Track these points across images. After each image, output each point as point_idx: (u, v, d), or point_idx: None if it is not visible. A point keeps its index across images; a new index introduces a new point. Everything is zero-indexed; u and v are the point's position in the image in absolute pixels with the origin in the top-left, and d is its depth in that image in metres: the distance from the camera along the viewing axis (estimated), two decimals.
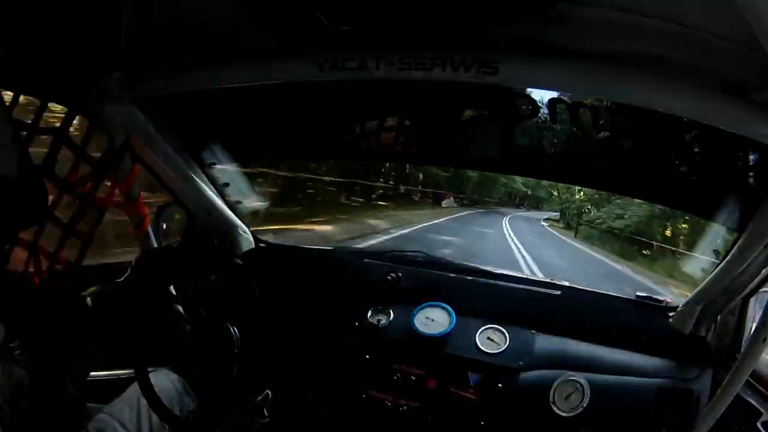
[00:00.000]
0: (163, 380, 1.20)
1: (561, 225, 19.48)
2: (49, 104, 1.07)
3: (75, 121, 1.14)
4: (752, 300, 1.12)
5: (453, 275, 1.50)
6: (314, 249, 1.83)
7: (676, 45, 0.74)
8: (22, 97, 1.00)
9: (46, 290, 1.17)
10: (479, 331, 1.32)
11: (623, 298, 1.43)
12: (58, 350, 0.96)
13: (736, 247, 1.04)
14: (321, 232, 8.51)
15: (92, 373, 1.35)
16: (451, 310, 1.34)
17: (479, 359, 1.27)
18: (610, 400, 1.17)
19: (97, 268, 1.50)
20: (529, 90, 1.08)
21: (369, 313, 1.41)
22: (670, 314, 1.28)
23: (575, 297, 1.45)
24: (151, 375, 1.16)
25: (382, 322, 1.39)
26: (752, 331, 0.95)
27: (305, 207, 9.93)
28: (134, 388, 1.10)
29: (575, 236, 16.03)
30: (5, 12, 0.82)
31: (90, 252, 1.20)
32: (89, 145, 1.15)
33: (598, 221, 15.71)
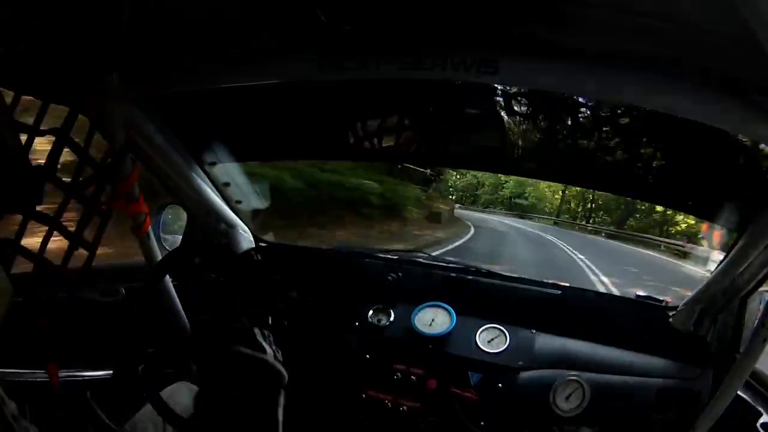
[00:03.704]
0: (184, 394, 1.18)
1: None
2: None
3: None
4: (752, 300, 1.12)
5: (453, 275, 1.50)
6: (314, 249, 1.84)
7: (676, 45, 0.74)
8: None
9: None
10: (479, 331, 1.32)
11: (623, 298, 1.44)
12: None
13: (735, 247, 1.04)
14: None
15: (90, 373, 1.37)
16: (451, 310, 1.34)
17: (479, 359, 1.27)
18: (610, 400, 1.18)
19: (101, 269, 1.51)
20: (528, 90, 1.08)
21: (369, 313, 1.41)
22: (670, 314, 1.28)
23: (575, 297, 1.46)
24: (171, 388, 1.15)
25: (382, 322, 1.39)
26: (752, 331, 0.95)
27: None
28: None
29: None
30: (5, 12, 0.82)
31: None
32: (88, 146, 1.15)
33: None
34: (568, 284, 1.47)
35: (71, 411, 0.95)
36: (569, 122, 1.17)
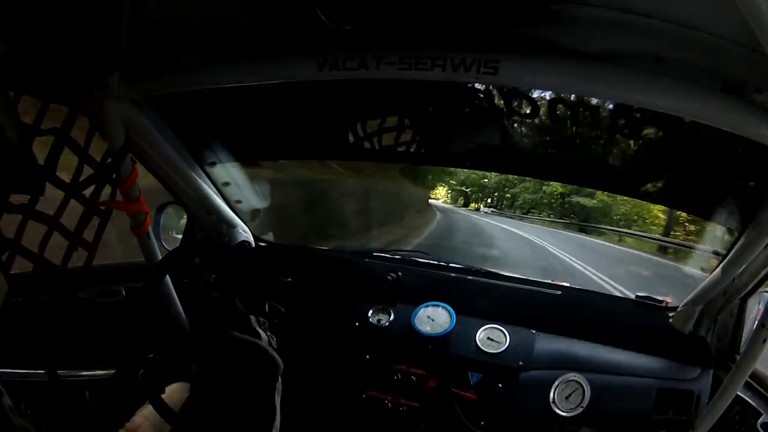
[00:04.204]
0: (183, 393, 1.17)
1: None
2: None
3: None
4: (752, 300, 1.12)
5: (453, 275, 1.51)
6: (315, 249, 1.84)
7: (676, 45, 0.74)
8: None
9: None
10: (479, 331, 1.32)
11: (623, 298, 1.44)
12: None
13: (736, 247, 1.04)
14: None
15: (89, 373, 1.37)
16: (451, 310, 1.34)
17: (479, 359, 1.27)
18: (610, 400, 1.17)
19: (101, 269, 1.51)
20: (528, 90, 1.08)
21: (369, 313, 1.41)
22: (670, 314, 1.29)
23: (575, 297, 1.45)
24: (170, 388, 1.15)
25: (382, 322, 1.39)
26: (752, 332, 0.95)
27: None
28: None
29: None
30: (5, 12, 0.82)
31: None
32: (88, 146, 1.15)
33: None
34: (568, 284, 1.47)
35: (70, 410, 0.95)
36: (569, 122, 1.17)
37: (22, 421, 0.83)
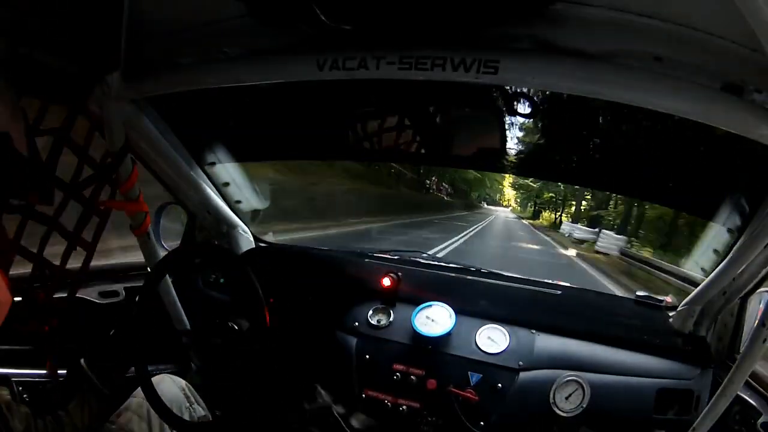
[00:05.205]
0: (170, 387, 1.18)
1: None
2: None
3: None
4: (752, 300, 1.12)
5: (453, 275, 1.51)
6: (314, 249, 1.84)
7: (676, 45, 0.74)
8: None
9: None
10: (479, 331, 1.32)
11: (623, 297, 1.44)
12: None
13: (735, 247, 1.04)
14: None
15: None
16: (451, 310, 1.34)
17: (479, 359, 1.27)
18: (610, 400, 1.17)
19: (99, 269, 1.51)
20: (529, 90, 1.08)
21: (369, 313, 1.41)
22: (670, 314, 1.28)
23: (575, 297, 1.46)
24: (156, 381, 1.15)
25: (382, 322, 1.39)
26: (752, 332, 0.95)
27: None
28: (142, 397, 1.09)
29: None
30: (5, 12, 0.82)
31: None
32: (88, 146, 1.15)
33: None
34: (568, 284, 1.47)
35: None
36: (569, 122, 1.17)
37: (22, 420, 0.83)
